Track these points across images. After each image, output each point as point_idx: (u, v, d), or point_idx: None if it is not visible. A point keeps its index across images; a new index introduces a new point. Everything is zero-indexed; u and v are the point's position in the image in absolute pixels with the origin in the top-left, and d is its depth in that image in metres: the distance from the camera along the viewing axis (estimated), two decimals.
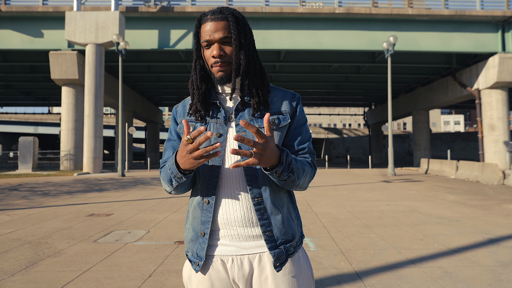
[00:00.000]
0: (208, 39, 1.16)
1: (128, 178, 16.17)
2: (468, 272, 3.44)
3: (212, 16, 1.17)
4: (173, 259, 3.90)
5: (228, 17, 1.17)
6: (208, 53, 1.18)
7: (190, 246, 1.23)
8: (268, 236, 1.16)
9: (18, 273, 3.45)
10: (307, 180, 1.20)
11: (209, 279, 1.20)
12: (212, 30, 1.16)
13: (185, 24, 19.34)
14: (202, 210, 1.19)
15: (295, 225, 1.23)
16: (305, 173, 1.17)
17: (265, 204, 1.16)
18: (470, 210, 7.07)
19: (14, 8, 18.53)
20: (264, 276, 1.17)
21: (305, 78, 27.96)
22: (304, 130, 1.26)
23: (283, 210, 1.19)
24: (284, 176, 1.10)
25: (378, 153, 36.06)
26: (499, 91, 19.74)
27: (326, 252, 4.16)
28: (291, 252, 1.19)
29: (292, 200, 1.27)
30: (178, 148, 1.15)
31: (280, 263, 1.16)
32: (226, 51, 1.17)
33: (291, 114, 1.24)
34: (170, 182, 1.16)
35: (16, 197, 9.27)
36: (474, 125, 71.40)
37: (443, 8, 18.84)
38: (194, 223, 1.21)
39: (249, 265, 1.18)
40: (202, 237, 1.19)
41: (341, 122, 76.72)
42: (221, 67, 1.17)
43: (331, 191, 10.44)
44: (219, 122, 1.21)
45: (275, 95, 1.25)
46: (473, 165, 14.49)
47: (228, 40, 1.16)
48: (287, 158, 1.09)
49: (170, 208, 7.42)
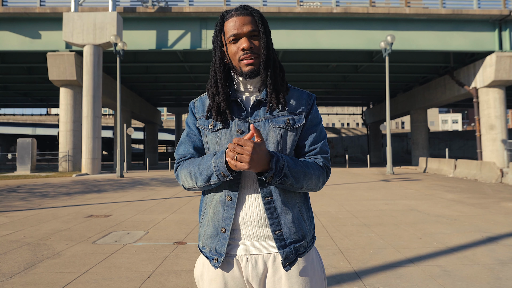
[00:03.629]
0: (236, 33, 1.17)
1: (127, 179, 16.15)
2: (467, 271, 3.45)
3: (237, 11, 1.19)
4: (172, 260, 3.90)
5: (253, 13, 1.20)
6: (234, 48, 1.19)
7: (209, 242, 1.21)
8: (277, 235, 1.16)
9: (16, 275, 3.44)
10: (313, 182, 1.19)
11: (223, 277, 1.19)
12: (240, 24, 1.17)
13: (183, 25, 19.33)
14: (224, 207, 1.18)
15: (307, 226, 1.23)
16: (308, 176, 1.17)
17: (275, 203, 1.16)
18: (469, 208, 7.09)
19: (11, 9, 18.49)
20: (278, 276, 1.17)
21: (303, 77, 27.98)
22: (318, 130, 1.26)
23: (294, 210, 1.19)
24: (276, 181, 1.11)
25: (376, 152, 36.10)
26: (496, 90, 19.78)
27: (325, 251, 4.16)
28: (301, 252, 1.19)
29: (305, 201, 1.26)
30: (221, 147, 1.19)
31: (289, 262, 1.16)
32: (254, 44, 1.18)
33: (306, 115, 1.24)
34: (208, 179, 1.15)
35: (14, 199, 9.25)
36: (472, 123, 71.54)
37: (440, 7, 18.88)
38: (215, 219, 1.20)
39: (263, 265, 1.18)
40: (223, 233, 1.18)
41: (340, 122, 76.78)
42: (251, 59, 1.17)
43: (330, 190, 10.45)
44: (240, 119, 1.21)
45: (291, 95, 1.26)
46: (471, 163, 14.53)
47: (256, 34, 1.18)
48: (277, 164, 1.09)
49: (169, 208, 7.41)
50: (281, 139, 1.19)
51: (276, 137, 1.18)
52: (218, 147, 1.20)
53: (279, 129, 1.19)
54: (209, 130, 1.22)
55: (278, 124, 1.19)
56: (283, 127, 1.19)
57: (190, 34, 19.32)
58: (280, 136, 1.19)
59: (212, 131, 1.22)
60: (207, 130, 1.23)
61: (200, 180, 1.16)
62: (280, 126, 1.19)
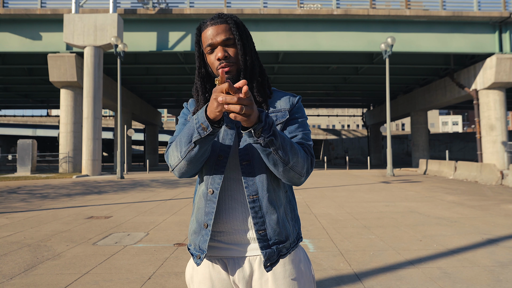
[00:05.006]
0: (211, 43, 1.17)
1: (127, 180, 16.15)
2: (467, 273, 3.45)
3: (211, 21, 1.18)
4: (172, 261, 3.90)
5: (228, 20, 1.18)
6: (212, 58, 1.18)
7: (193, 239, 1.21)
8: (261, 235, 1.14)
9: (17, 276, 3.44)
10: (299, 163, 1.10)
11: (210, 279, 1.19)
12: (214, 34, 1.16)
13: (184, 26, 19.37)
14: (206, 201, 1.17)
15: (290, 227, 1.21)
16: (294, 150, 1.09)
17: (260, 202, 1.14)
18: (469, 210, 7.09)
19: (12, 11, 18.53)
20: (265, 278, 1.17)
21: (304, 79, 28.01)
22: (301, 123, 1.22)
23: (280, 210, 1.18)
24: (264, 138, 1.01)
25: (376, 154, 36.10)
26: (496, 92, 19.80)
27: (326, 253, 4.16)
28: (284, 253, 1.17)
29: (290, 201, 1.25)
30: None
31: (271, 263, 1.15)
32: (230, 52, 1.17)
33: (289, 111, 1.23)
34: (190, 138, 1.06)
35: (15, 200, 9.25)
36: (472, 125, 71.52)
37: (440, 9, 18.91)
38: (198, 215, 1.20)
39: (249, 267, 1.17)
40: (205, 228, 1.17)
41: (340, 123, 76.78)
42: (227, 68, 1.16)
43: (330, 192, 10.44)
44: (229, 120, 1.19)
45: (276, 97, 1.26)
46: (471, 165, 14.52)
47: (231, 42, 1.17)
48: (267, 118, 1.02)
49: (169, 210, 7.41)
50: None
51: None
52: None
53: None
54: None
55: None
56: None
57: (190, 36, 19.36)
58: None
59: None
60: None
61: (184, 145, 1.08)
62: None
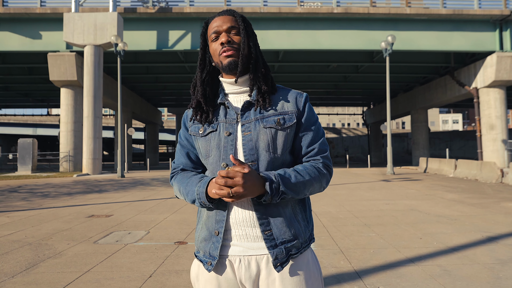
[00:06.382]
0: (216, 30, 1.22)
1: (128, 179, 16.17)
2: (467, 270, 3.45)
3: (219, 14, 1.25)
4: (173, 260, 3.91)
5: (234, 13, 1.25)
6: (215, 45, 1.22)
7: (203, 246, 1.21)
8: (267, 235, 1.15)
9: (18, 275, 3.46)
10: (315, 187, 1.20)
11: (216, 279, 1.19)
12: (220, 23, 1.22)
13: (184, 25, 19.34)
14: (216, 209, 1.19)
15: (301, 227, 1.20)
16: (308, 184, 1.17)
17: (264, 203, 1.15)
18: (469, 208, 7.10)
19: (11, 10, 18.51)
20: (272, 278, 1.16)
21: (304, 78, 27.98)
22: (315, 130, 1.25)
23: (286, 210, 1.18)
24: (276, 200, 1.12)
25: (377, 152, 36.09)
26: (497, 90, 19.78)
27: (326, 251, 4.17)
28: (294, 253, 1.16)
29: (301, 201, 1.24)
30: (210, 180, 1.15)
31: (281, 263, 1.14)
32: (234, 39, 1.22)
33: (298, 114, 1.23)
34: (193, 202, 1.19)
35: (15, 199, 9.27)
36: (473, 123, 71.50)
37: (441, 7, 18.88)
38: (208, 222, 1.21)
39: (256, 266, 1.17)
40: (216, 236, 1.18)
41: (340, 122, 76.75)
42: (229, 52, 1.19)
43: (331, 190, 10.45)
44: (228, 122, 1.22)
45: (281, 95, 1.26)
46: (471, 163, 14.52)
47: (236, 30, 1.22)
48: (272, 185, 1.10)
49: (170, 208, 7.43)
50: (272, 139, 1.18)
51: (267, 137, 1.18)
52: (208, 151, 1.22)
53: (269, 129, 1.19)
54: (199, 136, 1.25)
55: (269, 124, 1.19)
56: (274, 126, 1.19)
57: (190, 35, 19.34)
58: (271, 136, 1.18)
59: (202, 136, 1.24)
60: (197, 136, 1.25)
61: (188, 200, 1.21)
62: (271, 126, 1.19)
